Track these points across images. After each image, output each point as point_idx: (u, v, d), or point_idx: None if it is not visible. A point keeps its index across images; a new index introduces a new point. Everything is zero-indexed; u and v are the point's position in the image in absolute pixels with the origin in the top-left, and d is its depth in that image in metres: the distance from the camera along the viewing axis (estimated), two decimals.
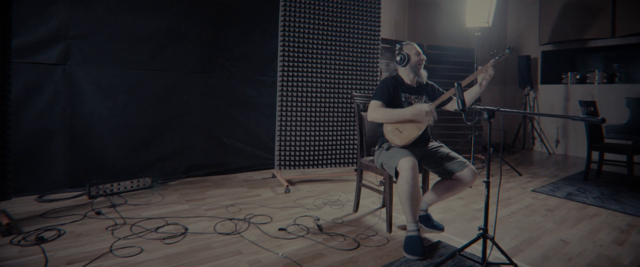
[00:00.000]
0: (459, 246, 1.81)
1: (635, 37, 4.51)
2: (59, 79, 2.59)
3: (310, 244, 1.85)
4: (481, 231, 1.56)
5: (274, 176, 3.33)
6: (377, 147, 2.08)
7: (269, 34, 3.47)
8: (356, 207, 2.39)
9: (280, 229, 2.03)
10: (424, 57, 2.05)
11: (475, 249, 1.74)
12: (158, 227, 2.01)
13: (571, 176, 3.59)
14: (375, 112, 1.91)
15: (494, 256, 1.69)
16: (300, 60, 3.11)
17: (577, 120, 1.36)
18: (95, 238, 1.86)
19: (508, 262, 1.52)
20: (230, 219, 2.17)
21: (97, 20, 2.67)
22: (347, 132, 3.33)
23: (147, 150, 2.97)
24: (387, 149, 1.93)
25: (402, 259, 1.69)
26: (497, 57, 1.88)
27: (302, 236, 1.95)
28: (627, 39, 4.58)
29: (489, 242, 1.56)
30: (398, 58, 2.04)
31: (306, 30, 3.11)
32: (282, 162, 3.09)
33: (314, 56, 3.17)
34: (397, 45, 2.09)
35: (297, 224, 2.12)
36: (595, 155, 3.53)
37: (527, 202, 2.71)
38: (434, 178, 2.08)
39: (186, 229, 2.00)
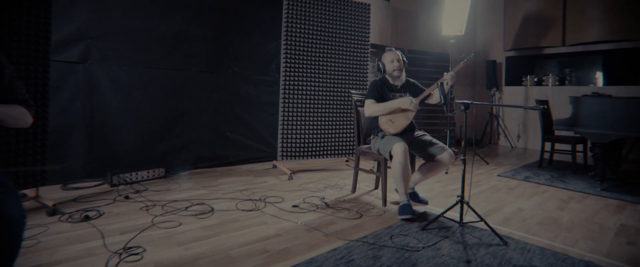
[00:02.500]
0: (441, 216, 2.25)
1: (581, 46, 5.24)
2: (80, 76, 2.80)
3: (321, 215, 2.23)
4: (459, 198, 2.01)
5: (274, 166, 3.67)
6: (372, 136, 2.49)
7: (268, 36, 3.81)
8: (354, 188, 2.79)
9: (293, 206, 2.39)
10: (398, 64, 2.43)
11: (453, 215, 2.19)
12: (187, 207, 2.31)
13: (529, 164, 4.20)
14: (371, 107, 2.32)
15: (467, 218, 2.14)
16: (301, 62, 3.48)
17: (527, 108, 1.81)
18: (135, 216, 2.14)
19: (479, 220, 1.98)
20: (249, 200, 2.51)
21: (114, 22, 2.90)
22: (341, 126, 3.73)
23: (159, 143, 3.22)
24: (382, 137, 2.35)
25: (397, 223, 2.11)
26: (464, 61, 2.32)
27: (313, 210, 2.32)
28: (574, 48, 5.31)
29: (465, 207, 2.01)
30: (376, 68, 2.48)
31: (306, 35, 3.49)
32: (284, 153, 3.44)
33: (313, 58, 3.54)
34: (376, 59, 2.52)
35: (307, 202, 2.49)
36: (548, 146, 4.15)
37: (493, 183, 3.24)
38: (419, 162, 2.52)
39: (212, 208, 2.32)
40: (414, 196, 2.50)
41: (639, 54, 4.74)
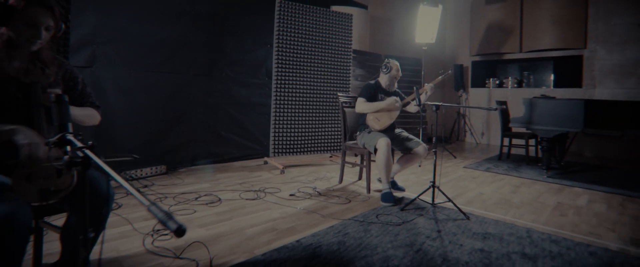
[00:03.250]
0: (417, 199, 2.68)
1: (535, 53, 5.93)
2: (87, 80, 2.98)
3: (315, 202, 2.59)
4: (431, 183, 2.44)
5: (266, 162, 3.99)
6: (359, 132, 2.88)
7: (258, 43, 4.11)
8: (341, 179, 3.17)
9: (290, 195, 2.74)
10: (400, 74, 2.87)
11: (426, 198, 2.61)
12: (196, 197, 2.59)
13: (490, 158, 4.77)
14: (362, 105, 2.71)
15: (438, 200, 2.57)
16: (291, 66, 3.82)
17: (485, 109, 2.26)
18: None
19: (447, 200, 2.42)
20: (250, 191, 2.82)
21: (119, 28, 3.11)
22: (326, 125, 4.11)
23: (159, 142, 3.45)
24: (369, 132, 2.75)
25: (380, 206, 2.51)
26: (441, 76, 2.77)
27: (308, 198, 2.68)
28: (530, 54, 6.00)
29: (436, 191, 2.45)
30: (384, 68, 2.85)
31: (295, 43, 3.83)
32: (276, 150, 3.77)
33: (301, 63, 3.89)
34: (385, 59, 2.91)
35: (301, 192, 2.84)
36: (506, 141, 4.74)
37: (460, 174, 3.73)
38: (397, 156, 2.93)
39: (219, 198, 2.62)
40: (393, 184, 2.92)
41: (581, 60, 5.46)
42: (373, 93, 2.79)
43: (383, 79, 2.88)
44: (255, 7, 4.06)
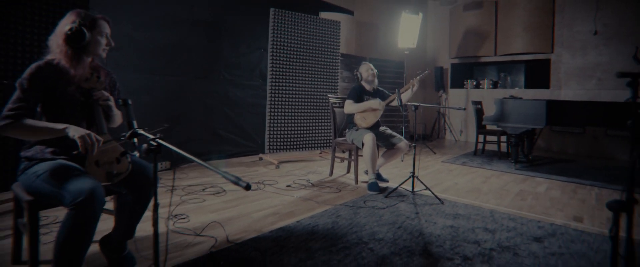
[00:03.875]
0: (399, 187, 3.04)
1: (509, 56, 6.42)
2: None
3: (310, 191, 2.91)
4: (411, 173, 2.80)
5: (261, 159, 4.28)
6: (348, 129, 3.22)
7: (252, 47, 4.40)
8: (331, 172, 3.51)
9: (287, 186, 3.05)
10: (372, 72, 3.21)
11: (407, 187, 2.97)
12: (203, 189, 2.87)
13: (466, 153, 5.20)
14: (350, 106, 3.05)
15: (417, 189, 2.94)
16: (284, 69, 4.12)
17: (454, 109, 2.63)
18: (163, 196, 2.66)
19: (425, 188, 2.78)
20: (251, 183, 3.12)
21: (126, 35, 3.34)
22: (316, 123, 4.43)
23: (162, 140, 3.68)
24: (356, 130, 3.09)
25: (367, 194, 2.85)
26: (420, 75, 3.13)
27: (303, 188, 3.00)
28: (504, 57, 6.49)
29: (416, 181, 2.81)
30: (356, 76, 3.21)
31: (288, 47, 4.14)
32: (271, 147, 4.07)
33: (294, 66, 4.20)
34: (355, 69, 3.26)
35: (296, 183, 3.15)
36: (481, 138, 5.18)
37: (438, 167, 4.13)
38: (382, 152, 3.28)
39: (224, 189, 2.90)
40: (378, 176, 3.27)
41: (549, 64, 5.98)
42: (359, 95, 3.13)
43: (364, 83, 3.23)
44: (249, 15, 4.34)
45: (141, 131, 1.17)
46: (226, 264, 1.64)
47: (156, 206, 1.15)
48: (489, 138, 5.21)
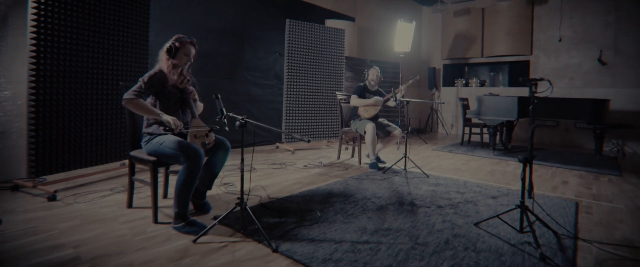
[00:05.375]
0: (393, 166, 3.77)
1: (494, 58, 7.17)
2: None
3: (323, 170, 3.65)
4: (404, 155, 3.54)
5: (277, 147, 5.01)
6: (352, 120, 3.96)
7: (269, 52, 5.12)
8: (339, 156, 4.25)
9: (304, 166, 3.78)
10: (376, 78, 3.94)
11: (400, 166, 3.70)
12: (237, 168, 3.60)
13: (454, 143, 5.95)
14: (355, 100, 3.79)
15: (408, 168, 3.67)
16: (298, 71, 4.85)
17: (436, 103, 3.37)
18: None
19: (415, 166, 3.52)
20: (274, 164, 3.85)
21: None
22: (324, 116, 5.16)
23: None
24: (360, 120, 3.83)
25: (369, 171, 3.59)
26: (410, 81, 3.86)
27: (317, 167, 3.73)
28: (490, 59, 7.23)
29: (408, 161, 3.55)
30: (364, 76, 3.94)
31: (301, 52, 4.86)
32: (287, 137, 4.80)
33: (306, 68, 4.93)
34: (365, 69, 3.98)
35: (311, 164, 3.89)
36: (467, 130, 5.93)
37: (428, 154, 4.87)
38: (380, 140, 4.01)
39: (255, 168, 3.63)
40: (377, 159, 4.00)
41: (528, 65, 6.72)
42: (362, 92, 3.87)
43: (369, 81, 3.96)
44: (267, 25, 5.07)
45: (231, 114, 1.89)
46: (273, 209, 2.37)
47: (242, 160, 1.87)
48: (474, 130, 5.95)
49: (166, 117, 2.02)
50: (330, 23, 5.92)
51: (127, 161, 3.39)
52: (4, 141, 2.90)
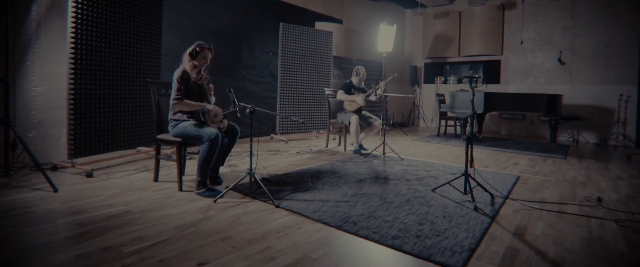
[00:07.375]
0: (373, 152, 4.36)
1: (470, 57, 7.84)
2: (158, 82, 4.41)
3: (313, 155, 4.22)
4: (382, 142, 4.15)
5: (272, 138, 5.56)
6: (338, 113, 4.54)
7: (264, 51, 5.65)
8: (327, 145, 4.83)
9: (296, 152, 4.35)
10: (363, 76, 4.52)
11: (379, 151, 4.29)
12: (238, 154, 4.14)
13: (431, 135, 6.60)
14: (342, 96, 4.37)
15: (387, 153, 4.27)
16: (291, 69, 5.40)
17: (408, 96, 3.97)
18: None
19: (391, 151, 4.13)
20: (270, 151, 4.41)
21: (174, 45, 4.54)
22: (314, 110, 5.73)
23: None
24: (345, 113, 4.41)
25: (353, 156, 4.18)
26: (389, 78, 4.45)
27: (309, 153, 4.30)
28: (466, 58, 7.90)
29: (387, 148, 4.15)
30: (355, 74, 4.52)
31: (294, 52, 5.41)
32: (281, 129, 5.36)
33: (297, 67, 5.48)
34: (356, 66, 4.56)
35: (303, 151, 4.46)
36: (443, 123, 6.57)
37: (407, 143, 5.50)
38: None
39: (254, 153, 4.17)
40: (360, 146, 4.60)
41: (500, 64, 7.41)
42: (348, 88, 4.45)
43: (354, 80, 4.54)
44: (261, 27, 5.60)
45: (242, 104, 2.44)
46: (273, 182, 2.93)
47: (251, 139, 2.43)
48: (449, 123, 6.60)
49: (209, 107, 2.57)
50: (319, 25, 6.47)
51: (141, 148, 3.90)
52: (39, 129, 3.37)
